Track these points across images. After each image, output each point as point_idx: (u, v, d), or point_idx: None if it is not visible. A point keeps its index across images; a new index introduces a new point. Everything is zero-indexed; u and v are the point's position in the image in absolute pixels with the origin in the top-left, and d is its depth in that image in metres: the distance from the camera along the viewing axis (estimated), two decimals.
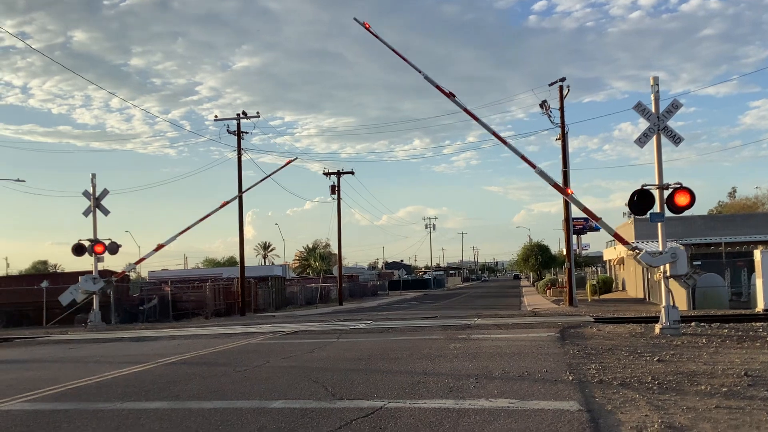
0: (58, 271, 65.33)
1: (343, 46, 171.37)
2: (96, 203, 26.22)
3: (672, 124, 15.07)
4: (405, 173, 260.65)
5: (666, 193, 14.77)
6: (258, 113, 38.10)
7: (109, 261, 27.98)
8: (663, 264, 14.50)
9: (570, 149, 31.57)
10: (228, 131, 37.89)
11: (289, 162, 33.12)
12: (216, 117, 38.52)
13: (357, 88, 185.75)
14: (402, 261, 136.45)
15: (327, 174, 48.88)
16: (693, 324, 15.76)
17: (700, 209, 57.67)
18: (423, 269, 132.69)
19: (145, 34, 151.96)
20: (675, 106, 15.11)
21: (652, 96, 15.13)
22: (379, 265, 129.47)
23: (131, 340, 19.09)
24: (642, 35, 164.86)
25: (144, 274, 65.55)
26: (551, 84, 31.25)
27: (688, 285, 15.11)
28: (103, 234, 26.54)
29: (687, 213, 16.82)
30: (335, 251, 59.85)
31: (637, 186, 14.86)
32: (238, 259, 39.37)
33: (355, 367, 10.68)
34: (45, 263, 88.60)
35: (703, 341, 12.55)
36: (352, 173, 49.48)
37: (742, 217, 42.39)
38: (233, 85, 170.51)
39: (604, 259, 57.41)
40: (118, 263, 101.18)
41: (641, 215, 15.40)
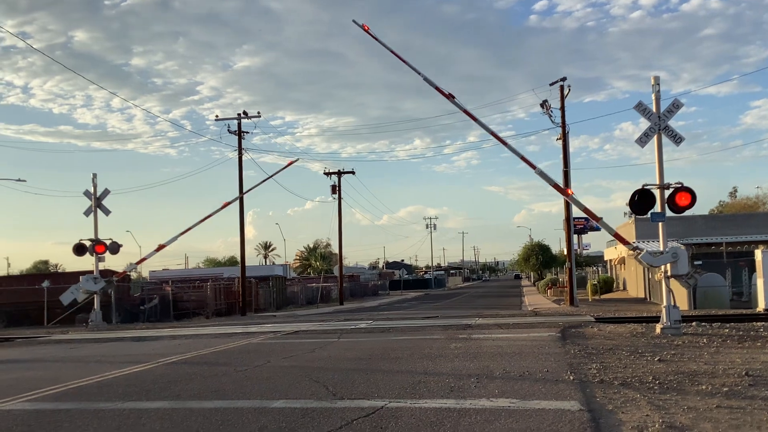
0: (59, 271, 65.38)
1: (344, 45, 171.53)
2: (97, 203, 26.23)
3: (673, 123, 15.07)
4: (406, 173, 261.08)
5: (667, 193, 14.76)
6: (259, 113, 38.14)
7: (110, 261, 28.06)
8: (664, 264, 14.49)
9: (571, 149, 31.60)
10: (229, 131, 37.92)
11: (291, 163, 33.14)
12: (217, 117, 38.56)
13: (358, 87, 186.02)
14: (403, 261, 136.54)
15: (328, 174, 48.91)
16: (694, 324, 15.75)
17: (701, 209, 57.73)
18: (424, 269, 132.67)
19: (146, 33, 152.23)
20: (676, 105, 15.11)
21: (652, 96, 15.13)
22: (380, 265, 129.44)
23: (132, 339, 19.10)
24: (643, 35, 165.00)
25: (145, 273, 65.58)
26: (552, 84, 31.27)
27: (689, 285, 15.11)
28: (104, 234, 26.60)
29: (688, 213, 16.82)
30: (336, 251, 59.85)
31: (638, 186, 14.88)
32: (239, 259, 39.38)
33: (356, 367, 10.68)
34: (46, 263, 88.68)
35: (704, 341, 12.55)
36: (352, 173, 49.54)
37: (743, 217, 42.36)
38: (234, 85, 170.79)
39: (605, 259, 57.37)
40: (119, 263, 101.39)
41: (642, 215, 15.40)
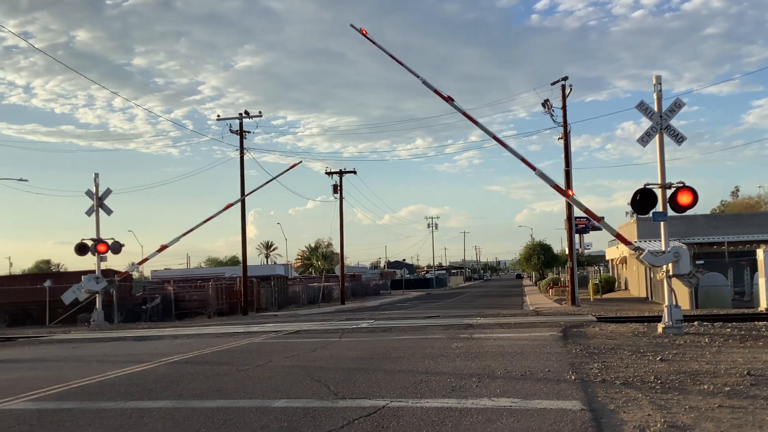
0: (61, 271, 65.47)
1: (345, 45, 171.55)
2: (99, 203, 26.26)
3: (675, 123, 15.05)
4: (407, 172, 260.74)
5: (669, 193, 14.75)
6: (260, 113, 38.21)
7: (112, 260, 28.08)
8: (666, 263, 14.48)
9: (572, 148, 31.55)
10: (230, 131, 37.98)
11: (294, 166, 33.19)
12: (218, 116, 38.65)
13: (359, 87, 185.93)
14: (404, 260, 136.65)
15: (329, 173, 48.94)
16: (696, 323, 15.73)
17: (702, 208, 57.67)
18: (425, 268, 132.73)
19: (148, 33, 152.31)
20: (677, 105, 15.09)
21: (654, 95, 15.11)
22: (382, 265, 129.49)
23: (134, 339, 19.12)
24: (644, 34, 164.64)
25: (147, 273, 65.69)
26: (553, 83, 31.26)
27: (691, 284, 15.09)
28: (106, 233, 26.62)
29: (690, 212, 16.82)
30: (337, 250, 59.91)
31: (640, 185, 14.86)
32: (240, 259, 39.40)
33: (358, 367, 10.69)
34: (48, 263, 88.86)
35: (706, 340, 12.54)
36: (354, 172, 49.58)
37: (745, 217, 42.33)
38: (235, 85, 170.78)
39: (606, 258, 57.34)
40: (120, 263, 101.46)
41: (644, 214, 15.38)
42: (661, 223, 14.98)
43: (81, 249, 25.98)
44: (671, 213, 14.89)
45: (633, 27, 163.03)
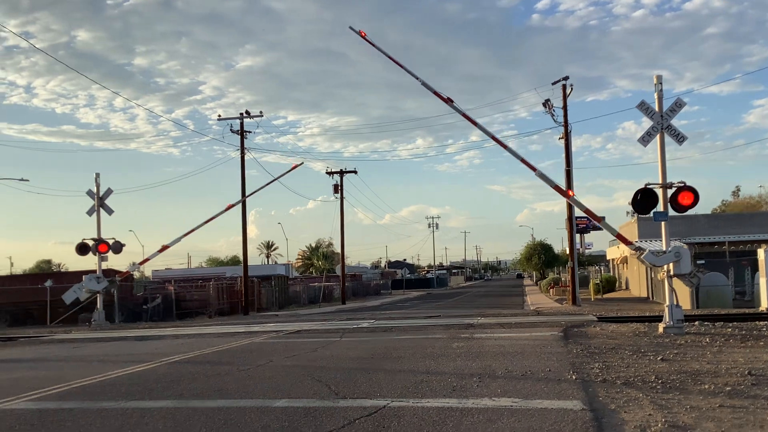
0: (62, 271, 65.50)
1: (346, 45, 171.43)
2: (100, 202, 26.28)
3: (675, 122, 15.06)
4: (408, 172, 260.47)
5: (669, 192, 14.75)
6: (261, 113, 38.20)
7: (113, 260, 28.03)
8: (667, 263, 14.47)
9: (573, 148, 31.54)
10: (231, 131, 37.99)
11: (295, 167, 33.17)
12: (219, 116, 38.64)
13: (360, 87, 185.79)
14: (405, 260, 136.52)
15: (330, 173, 48.92)
16: (696, 323, 15.73)
17: (703, 208, 57.60)
18: (426, 268, 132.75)
19: (149, 33, 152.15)
20: (678, 104, 15.09)
21: (655, 95, 15.11)
22: (382, 264, 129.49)
23: (135, 339, 19.14)
24: (645, 34, 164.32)
25: (148, 273, 65.75)
26: (554, 83, 31.26)
27: (692, 283, 15.09)
28: (107, 233, 26.62)
29: (690, 212, 16.81)
30: (338, 250, 59.92)
31: (641, 185, 14.87)
32: (241, 259, 39.43)
33: (359, 366, 10.69)
34: (49, 262, 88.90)
35: (707, 340, 12.54)
36: (355, 172, 49.55)
37: (745, 216, 42.31)
38: (236, 85, 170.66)
39: (607, 258, 57.31)
40: (121, 262, 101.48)
41: (645, 214, 15.39)
42: (662, 223, 14.97)
43: (82, 249, 25.99)
44: (672, 213, 14.89)
45: (634, 26, 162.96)
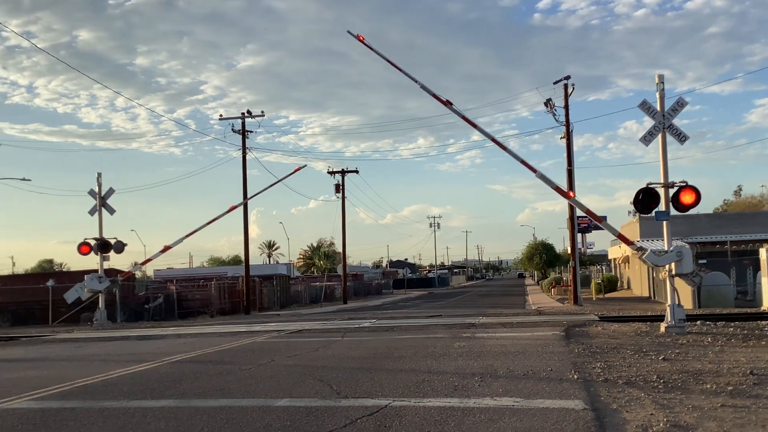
0: (63, 270, 65.59)
1: (347, 44, 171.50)
2: (101, 202, 26.30)
3: (677, 122, 15.05)
4: (409, 172, 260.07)
5: (671, 192, 14.74)
6: (262, 112, 38.24)
7: (115, 260, 28.01)
8: (668, 263, 14.46)
9: (575, 147, 31.51)
10: (233, 130, 38.02)
11: (298, 169, 33.14)
12: (221, 116, 38.70)
13: (361, 86, 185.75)
14: (406, 260, 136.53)
15: (331, 173, 48.89)
16: (698, 323, 15.72)
17: (705, 208, 57.59)
18: (427, 268, 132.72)
19: (151, 33, 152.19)
20: (680, 104, 15.08)
21: (657, 94, 15.09)
22: (384, 264, 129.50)
23: (137, 338, 19.16)
24: (647, 33, 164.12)
25: (149, 272, 65.79)
26: (556, 82, 31.24)
27: (694, 283, 15.07)
28: (109, 233, 26.63)
29: (692, 211, 16.81)
30: (340, 250, 59.91)
31: (642, 184, 14.85)
32: (243, 258, 39.44)
33: (360, 366, 10.70)
34: (51, 262, 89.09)
35: (709, 340, 12.53)
36: (356, 172, 49.49)
37: (747, 216, 42.27)
38: (238, 84, 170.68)
39: (609, 258, 57.30)
40: (123, 262, 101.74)
41: (646, 214, 15.36)
42: (664, 223, 14.96)
43: (84, 248, 26.01)
44: (674, 212, 14.88)
45: (635, 26, 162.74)
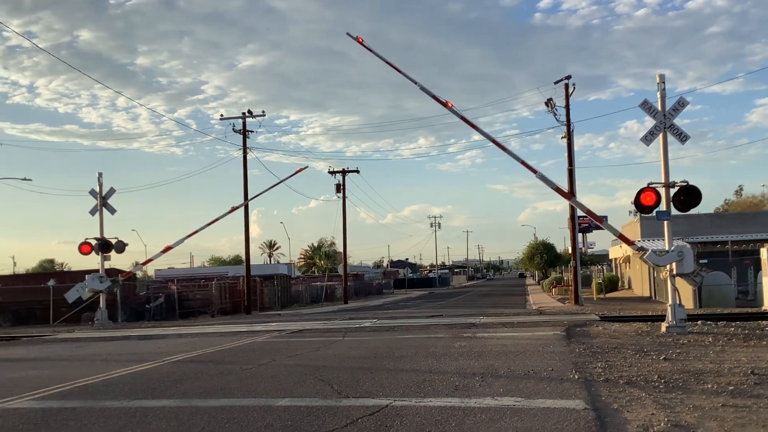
0: (64, 270, 65.62)
1: (348, 44, 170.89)
2: (102, 202, 26.31)
3: (678, 122, 15.04)
4: (410, 172, 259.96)
5: (672, 191, 14.73)
6: (263, 112, 38.23)
7: (116, 259, 28.06)
8: (669, 263, 14.45)
9: (575, 147, 31.53)
10: (234, 130, 38.01)
11: (300, 170, 33.17)
12: (222, 116, 38.69)
13: (361, 86, 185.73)
14: (407, 259, 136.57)
15: (332, 173, 48.89)
16: (699, 322, 15.71)
17: (706, 207, 57.62)
18: (428, 268, 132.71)
19: (151, 33, 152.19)
20: (681, 104, 15.07)
21: (658, 94, 15.09)
22: (385, 264, 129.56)
23: (138, 338, 19.17)
24: (648, 33, 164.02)
25: (150, 272, 65.77)
26: (557, 82, 31.25)
27: (695, 282, 15.06)
28: (110, 232, 26.68)
29: (693, 211, 16.77)
30: (340, 250, 59.89)
31: (643, 184, 14.83)
32: (243, 258, 39.45)
33: (361, 366, 10.70)
34: (52, 262, 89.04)
35: (710, 340, 12.52)
36: (357, 172, 49.50)
37: (748, 216, 42.25)
38: (239, 84, 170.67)
39: (609, 258, 57.27)
40: (124, 262, 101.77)
41: (647, 213, 15.36)
42: (665, 222, 14.95)
43: (85, 248, 26.02)
44: (675, 212, 14.87)
45: (636, 25, 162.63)
